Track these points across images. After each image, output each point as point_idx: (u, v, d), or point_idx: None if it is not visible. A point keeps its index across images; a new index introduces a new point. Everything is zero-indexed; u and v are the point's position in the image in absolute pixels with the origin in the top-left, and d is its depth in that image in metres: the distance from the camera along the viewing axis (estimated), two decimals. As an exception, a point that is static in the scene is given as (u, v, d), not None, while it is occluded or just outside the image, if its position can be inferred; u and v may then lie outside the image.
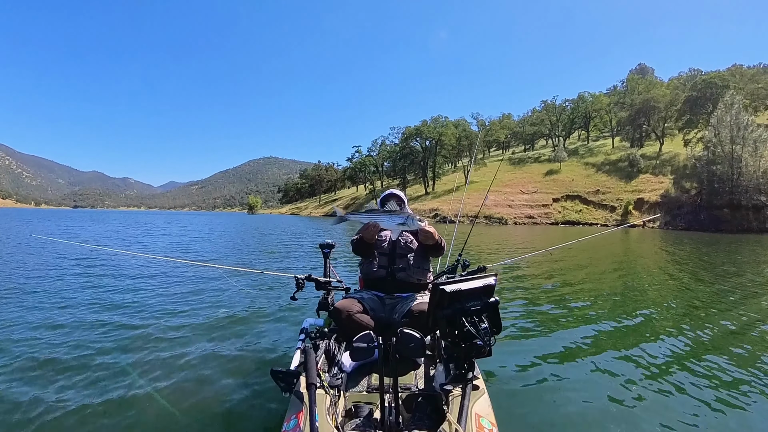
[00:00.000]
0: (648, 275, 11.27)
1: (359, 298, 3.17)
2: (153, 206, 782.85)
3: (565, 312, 6.48)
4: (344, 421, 2.19)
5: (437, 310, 2.23)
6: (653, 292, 8.74)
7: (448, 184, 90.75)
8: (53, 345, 4.53)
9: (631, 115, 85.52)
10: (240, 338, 4.89)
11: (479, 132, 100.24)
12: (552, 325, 5.49)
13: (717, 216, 52.38)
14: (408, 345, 2.55)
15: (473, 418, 1.96)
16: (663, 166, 71.35)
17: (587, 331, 5.33)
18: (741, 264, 14.24)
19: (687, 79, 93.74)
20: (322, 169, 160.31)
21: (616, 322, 5.85)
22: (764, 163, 53.79)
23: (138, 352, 4.31)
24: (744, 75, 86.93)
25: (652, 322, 6.15)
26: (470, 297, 2.22)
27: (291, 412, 2.13)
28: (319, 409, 1.97)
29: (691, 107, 77.25)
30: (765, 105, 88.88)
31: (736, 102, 58.43)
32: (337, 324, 3.04)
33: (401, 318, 3.05)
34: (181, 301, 6.81)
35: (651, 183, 67.90)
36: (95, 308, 6.24)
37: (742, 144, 54.84)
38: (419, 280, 3.39)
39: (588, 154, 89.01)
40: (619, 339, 5.08)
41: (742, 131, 55.40)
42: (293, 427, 1.97)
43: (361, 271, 3.59)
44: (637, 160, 74.92)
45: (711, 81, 76.71)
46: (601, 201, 68.37)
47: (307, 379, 2.10)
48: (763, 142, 54.94)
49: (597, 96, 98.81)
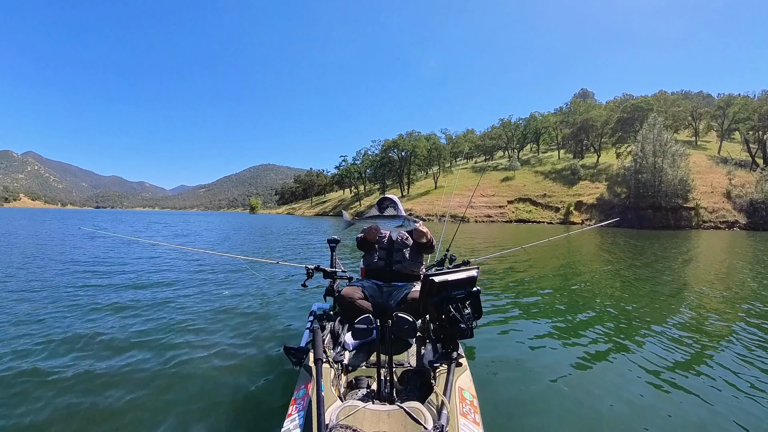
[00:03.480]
0: (593, 263, 11.51)
1: (361, 286, 3.16)
2: (165, 207, 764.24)
3: (536, 300, 6.34)
4: (346, 391, 2.20)
5: (427, 297, 2.23)
6: (595, 276, 8.95)
7: (421, 188, 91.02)
8: (124, 319, 4.78)
9: (574, 131, 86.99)
10: (258, 319, 4.87)
11: (447, 145, 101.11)
12: (525, 312, 5.45)
13: (642, 215, 53.64)
14: (402, 327, 2.58)
15: (456, 391, 1.97)
16: (599, 175, 72.55)
17: (552, 316, 5.29)
18: (661, 250, 14.99)
19: (620, 102, 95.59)
20: (314, 175, 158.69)
21: (572, 307, 5.83)
22: (680, 172, 55.26)
23: (178, 329, 4.39)
24: (667, 100, 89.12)
25: (596, 300, 6.29)
26: (456, 287, 2.22)
27: (300, 383, 2.11)
28: (325, 380, 1.96)
29: (622, 126, 78.96)
30: (684, 125, 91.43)
31: (658, 123, 59.74)
32: (341, 308, 3.02)
33: (396, 304, 3.04)
34: (213, 287, 6.89)
35: (589, 188, 68.91)
36: (154, 288, 6.58)
37: (662, 157, 56.14)
38: (413, 272, 3.38)
39: (538, 164, 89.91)
40: (575, 322, 5.06)
41: (663, 147, 56.72)
42: (302, 395, 1.96)
43: (363, 263, 3.57)
44: (578, 169, 76.21)
45: (638, 105, 78.54)
46: (547, 203, 69.14)
47: (315, 355, 2.08)
48: (680, 155, 56.44)
49: (546, 115, 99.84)
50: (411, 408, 1.74)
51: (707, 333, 4.63)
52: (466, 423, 1.76)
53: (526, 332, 4.52)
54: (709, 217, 53.20)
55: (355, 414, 1.70)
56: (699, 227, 51.02)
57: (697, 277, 9.40)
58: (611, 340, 4.32)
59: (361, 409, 1.74)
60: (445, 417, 1.68)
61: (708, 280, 8.81)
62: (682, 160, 56.44)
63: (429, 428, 1.60)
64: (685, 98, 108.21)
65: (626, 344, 4.20)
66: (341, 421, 1.64)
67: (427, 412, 1.74)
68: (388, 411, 1.74)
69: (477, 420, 1.85)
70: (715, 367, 3.58)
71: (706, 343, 4.25)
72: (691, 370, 3.50)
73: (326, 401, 1.76)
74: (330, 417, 1.67)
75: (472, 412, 1.88)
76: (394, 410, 1.74)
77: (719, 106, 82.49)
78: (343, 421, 1.64)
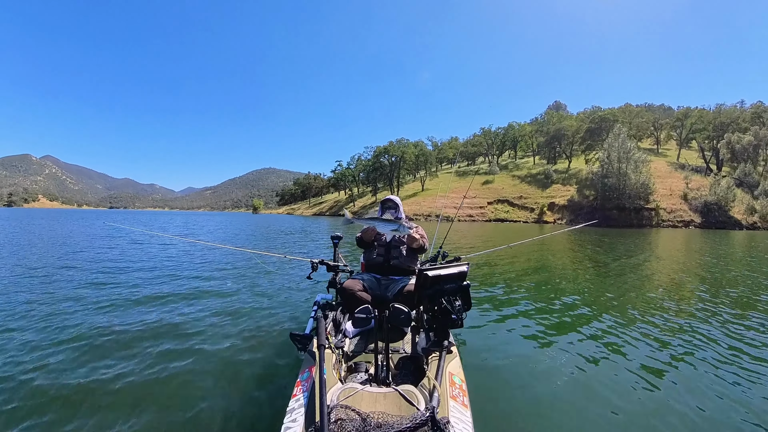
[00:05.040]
0: (566, 257, 11.58)
1: (361, 279, 3.15)
2: (174, 207, 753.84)
3: (520, 293, 6.28)
4: (346, 375, 2.20)
5: (421, 290, 2.23)
6: (570, 269, 9.03)
7: (409, 190, 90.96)
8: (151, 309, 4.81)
9: (548, 140, 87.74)
10: (267, 308, 4.88)
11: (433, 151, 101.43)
12: (510, 304, 5.43)
13: (608, 215, 54.33)
14: (398, 317, 2.60)
15: (447, 376, 1.97)
16: (570, 179, 73.30)
17: (534, 307, 5.28)
18: (625, 245, 15.01)
19: (589, 113, 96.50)
20: (312, 178, 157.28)
21: (551, 299, 5.84)
22: (642, 177, 56.14)
23: (199, 318, 4.45)
24: (632, 111, 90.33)
25: (573, 291, 6.36)
26: (447, 280, 2.22)
27: (305, 367, 2.10)
28: (327, 365, 1.96)
29: (591, 135, 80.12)
30: (647, 134, 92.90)
31: (622, 133, 60.69)
32: (342, 299, 3.01)
33: (393, 296, 3.04)
34: (228, 277, 6.95)
35: (561, 191, 69.61)
36: (176, 281, 6.60)
37: (626, 163, 57.00)
38: (409, 267, 3.36)
39: (515, 169, 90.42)
40: (554, 313, 5.05)
41: (627, 154, 57.67)
42: (306, 378, 1.95)
43: (363, 258, 3.56)
44: (551, 174, 76.95)
45: (605, 116, 79.69)
46: (523, 204, 69.68)
47: (318, 341, 2.07)
48: (642, 162, 57.42)
49: (522, 125, 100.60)
50: (405, 391, 1.75)
51: (661, 315, 4.76)
52: (455, 405, 1.77)
53: (511, 322, 4.54)
54: (667, 216, 54.12)
55: (354, 395, 1.72)
56: (659, 226, 51.91)
57: (653, 269, 9.51)
58: (587, 327, 4.38)
59: (359, 391, 1.76)
60: (436, 399, 1.70)
61: (673, 269, 9.00)
62: (643, 166, 57.41)
63: (421, 409, 1.61)
64: (648, 110, 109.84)
65: (601, 330, 4.26)
66: (342, 401, 1.65)
67: (420, 394, 1.75)
68: (384, 393, 1.75)
69: (465, 402, 1.86)
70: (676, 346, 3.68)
71: (659, 322, 4.38)
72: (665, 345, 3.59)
73: (328, 384, 1.77)
74: (331, 398, 1.68)
75: (461, 395, 1.89)
76: (389, 392, 1.75)
77: (678, 118, 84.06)
78: (344, 401, 1.66)
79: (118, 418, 2.40)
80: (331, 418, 1.53)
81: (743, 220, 51.26)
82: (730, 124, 72.05)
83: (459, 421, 1.66)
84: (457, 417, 1.68)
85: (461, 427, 1.63)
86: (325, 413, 1.51)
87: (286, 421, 1.67)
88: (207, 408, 2.52)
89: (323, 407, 1.54)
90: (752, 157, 64.90)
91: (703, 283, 7.51)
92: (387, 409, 1.63)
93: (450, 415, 1.66)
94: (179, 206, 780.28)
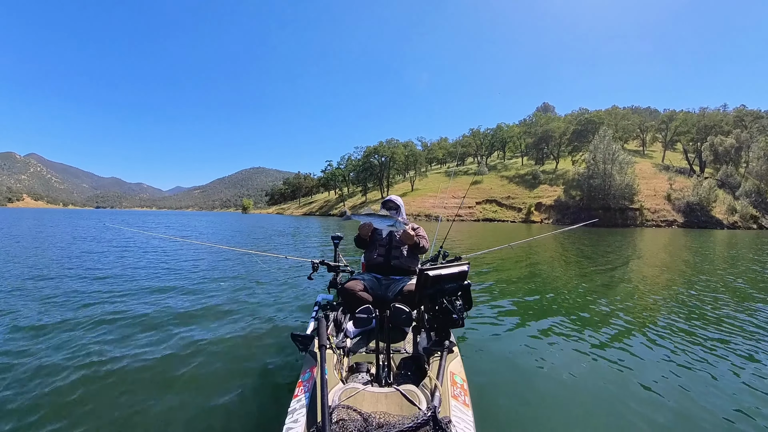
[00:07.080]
0: (554, 254, 11.73)
1: (361, 279, 3.11)
2: (162, 207, 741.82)
3: (520, 292, 6.22)
4: (347, 375, 2.18)
5: (422, 290, 2.20)
6: (568, 268, 9.17)
7: (399, 190, 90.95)
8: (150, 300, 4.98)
9: (536, 141, 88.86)
10: (268, 308, 4.84)
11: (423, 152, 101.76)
12: (511, 303, 5.41)
13: (594, 215, 55.01)
14: (399, 317, 2.59)
15: (448, 375, 1.95)
16: (557, 179, 74.14)
17: (534, 306, 5.27)
18: (608, 244, 15.27)
19: (576, 116, 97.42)
20: (302, 177, 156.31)
21: (551, 298, 5.82)
22: (627, 178, 57.13)
23: (200, 317, 4.44)
24: (618, 114, 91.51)
25: (570, 289, 6.43)
26: (448, 280, 2.21)
27: (306, 367, 2.08)
28: (329, 365, 1.94)
29: (577, 137, 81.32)
30: (633, 136, 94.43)
31: (607, 135, 61.68)
32: (343, 299, 2.97)
33: (394, 296, 3.01)
34: (229, 278, 6.82)
35: (548, 191, 70.42)
36: (175, 281, 6.52)
37: (611, 164, 57.93)
38: (410, 267, 3.33)
39: (503, 169, 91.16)
40: (553, 312, 5.04)
41: (612, 155, 58.61)
42: (308, 378, 1.93)
43: (364, 258, 3.54)
44: (538, 175, 77.91)
45: (591, 119, 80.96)
46: (511, 204, 70.27)
47: (320, 341, 2.05)
48: (626, 163, 58.43)
49: (511, 126, 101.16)
50: (407, 390, 1.74)
51: (651, 308, 4.84)
52: (457, 404, 1.77)
53: (512, 322, 4.53)
54: (651, 216, 55.22)
55: (356, 395, 1.71)
56: (643, 225, 52.90)
57: (636, 269, 9.67)
58: (589, 326, 4.40)
59: (361, 391, 1.74)
60: (437, 399, 1.69)
61: (654, 265, 9.15)
62: (628, 167, 58.43)
63: (423, 409, 1.60)
64: (634, 112, 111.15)
65: (604, 328, 4.29)
66: (343, 401, 1.64)
67: (422, 394, 1.74)
68: (385, 393, 1.74)
69: (467, 402, 1.86)
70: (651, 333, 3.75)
71: (644, 315, 4.45)
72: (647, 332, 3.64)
73: (329, 384, 1.76)
74: (333, 398, 1.67)
75: (462, 395, 1.89)
76: (391, 392, 1.74)
77: (663, 121, 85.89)
78: (345, 401, 1.64)
79: (118, 419, 2.38)
80: (333, 419, 1.52)
81: (724, 220, 52.55)
82: (713, 127, 73.54)
83: (461, 420, 1.66)
84: (459, 416, 1.68)
85: (463, 427, 1.62)
86: (327, 413, 1.50)
87: (288, 421, 1.65)
88: (208, 408, 2.50)
89: (325, 407, 1.53)
90: (734, 159, 66.51)
91: (703, 283, 7.54)
92: (389, 409, 1.62)
93: (452, 414, 1.65)
94: (167, 206, 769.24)
